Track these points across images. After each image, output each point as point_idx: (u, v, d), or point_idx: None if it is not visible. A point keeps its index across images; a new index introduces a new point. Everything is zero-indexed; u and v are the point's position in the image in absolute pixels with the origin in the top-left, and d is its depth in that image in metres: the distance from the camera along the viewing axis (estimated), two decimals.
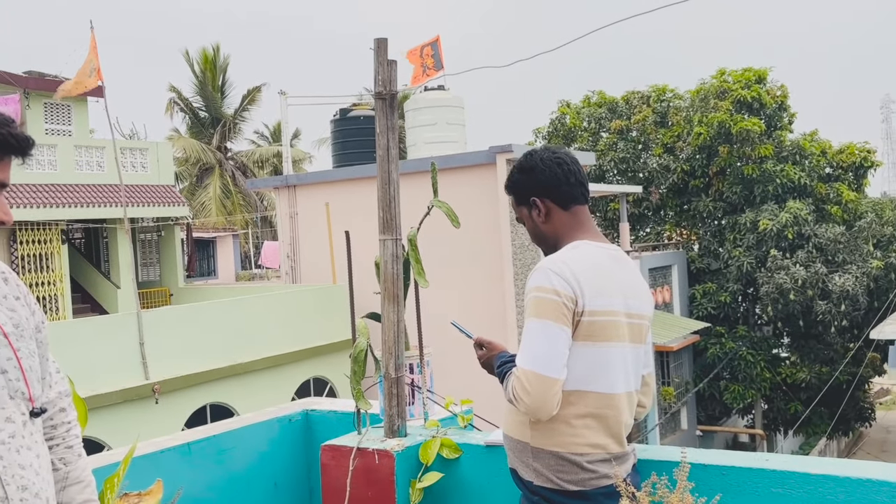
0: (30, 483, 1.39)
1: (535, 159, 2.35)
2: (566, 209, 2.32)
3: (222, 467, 3.27)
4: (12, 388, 1.41)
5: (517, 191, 2.38)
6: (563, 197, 2.31)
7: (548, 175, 2.31)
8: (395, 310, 2.92)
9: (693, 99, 23.49)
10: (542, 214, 2.32)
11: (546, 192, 2.31)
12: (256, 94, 33.34)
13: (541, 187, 2.31)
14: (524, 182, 2.35)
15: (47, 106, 19.21)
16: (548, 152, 2.37)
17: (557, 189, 2.31)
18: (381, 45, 2.88)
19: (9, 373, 1.41)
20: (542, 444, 2.14)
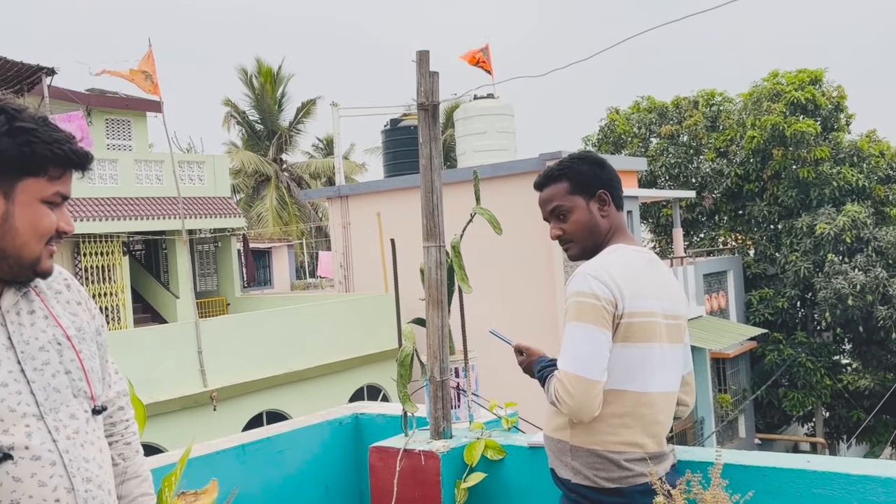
0: (93, 475, 1.48)
1: (597, 156, 2.43)
2: (620, 209, 2.39)
3: (275, 468, 3.38)
4: (75, 387, 1.50)
5: (582, 180, 2.34)
6: (619, 199, 2.39)
7: (613, 175, 2.39)
8: (440, 315, 3.00)
9: (745, 102, 23.15)
10: (606, 206, 2.34)
11: (612, 189, 2.36)
12: (311, 107, 33.90)
13: (610, 183, 2.36)
14: (597, 174, 2.35)
15: (108, 122, 19.85)
16: (596, 156, 2.45)
17: (619, 191, 2.38)
18: (423, 57, 2.97)
19: (72, 373, 1.50)
20: (581, 442, 2.19)
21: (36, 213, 1.43)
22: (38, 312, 1.51)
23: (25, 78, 18.50)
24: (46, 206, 1.45)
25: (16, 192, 1.41)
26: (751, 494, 1.97)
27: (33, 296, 1.52)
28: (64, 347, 1.50)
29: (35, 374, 1.44)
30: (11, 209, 1.41)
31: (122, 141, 20.14)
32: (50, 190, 1.44)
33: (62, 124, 13.53)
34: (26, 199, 1.42)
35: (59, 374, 1.48)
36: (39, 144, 1.41)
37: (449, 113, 29.45)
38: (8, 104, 1.42)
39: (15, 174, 1.40)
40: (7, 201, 1.41)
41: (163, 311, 20.32)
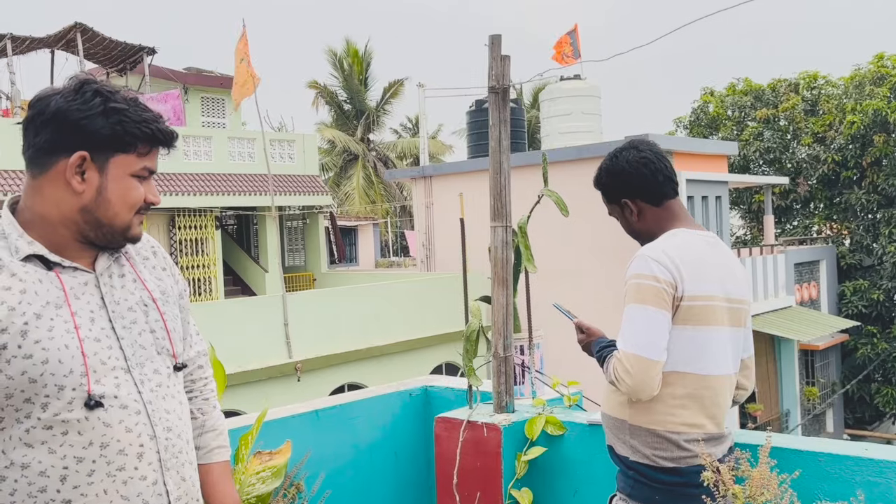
0: (173, 425, 1.62)
1: (620, 162, 2.40)
2: (658, 206, 2.38)
3: (347, 435, 3.53)
4: (159, 345, 1.64)
5: (606, 193, 2.46)
6: (653, 195, 2.38)
7: (636, 177, 2.37)
8: (505, 293, 3.09)
9: (847, 86, 22.22)
10: (634, 214, 2.40)
11: (636, 193, 2.38)
12: (399, 88, 34.21)
13: (630, 189, 2.38)
14: (613, 185, 2.42)
15: (204, 100, 20.57)
16: (633, 152, 2.41)
17: (647, 189, 2.37)
18: (495, 41, 3.05)
19: (156, 332, 1.65)
20: (640, 421, 2.25)
21: (126, 186, 1.57)
22: (127, 276, 1.65)
23: (128, 57, 19.35)
24: (135, 180, 1.58)
25: (108, 166, 1.54)
26: (797, 474, 2.00)
27: (123, 261, 1.67)
28: (150, 309, 1.65)
29: (124, 332, 1.58)
30: (105, 182, 1.55)
31: (216, 118, 20.86)
32: (138, 165, 1.58)
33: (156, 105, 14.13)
34: (118, 173, 1.55)
35: (145, 332, 1.62)
36: (130, 124, 1.53)
37: (535, 94, 29.28)
38: (103, 86, 1.54)
39: (108, 151, 1.53)
40: (101, 175, 1.54)
41: (252, 283, 21.01)
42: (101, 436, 1.50)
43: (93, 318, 1.55)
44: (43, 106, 1.51)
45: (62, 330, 1.49)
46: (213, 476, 1.85)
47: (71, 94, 1.51)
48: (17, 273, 1.49)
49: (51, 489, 1.46)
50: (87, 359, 1.50)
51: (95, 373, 1.51)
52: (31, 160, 1.54)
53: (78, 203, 1.53)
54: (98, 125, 1.51)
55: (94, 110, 1.50)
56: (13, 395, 1.45)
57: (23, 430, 1.46)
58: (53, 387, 1.47)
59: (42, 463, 1.46)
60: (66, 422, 1.48)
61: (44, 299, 1.50)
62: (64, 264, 1.55)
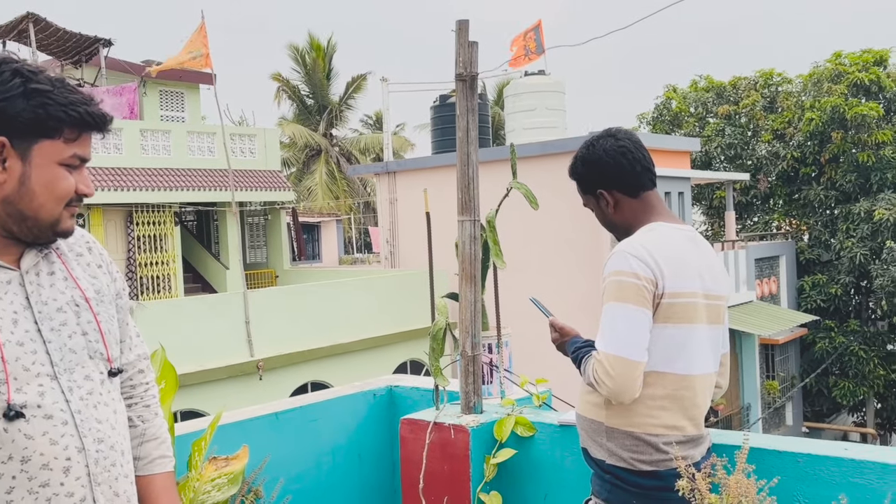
0: (105, 436, 1.49)
1: (597, 150, 2.30)
2: (635, 197, 2.29)
3: (309, 437, 3.40)
4: (92, 348, 1.51)
5: (582, 183, 2.36)
6: (631, 186, 2.28)
7: (613, 166, 2.27)
8: (473, 289, 2.98)
9: (805, 83, 22.51)
10: (610, 206, 2.30)
11: (613, 184, 2.28)
12: (362, 82, 33.95)
13: (606, 179, 2.28)
14: (589, 175, 2.32)
15: (162, 93, 20.15)
16: (610, 140, 2.31)
17: (624, 179, 2.27)
18: (462, 26, 2.93)
19: (89, 335, 1.52)
20: (618, 424, 2.15)
21: (53, 175, 1.44)
22: (57, 274, 1.52)
23: (83, 49, 18.89)
24: (64, 169, 1.45)
25: (32, 154, 1.41)
26: (776, 481, 1.91)
27: (54, 257, 1.54)
28: (82, 309, 1.52)
29: (52, 335, 1.46)
30: (28, 171, 1.42)
31: (175, 112, 20.45)
32: (67, 153, 1.45)
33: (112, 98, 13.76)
34: (42, 161, 1.43)
35: (76, 335, 1.50)
36: (54, 106, 1.40)
37: (499, 90, 29.26)
38: (24, 65, 1.42)
39: (31, 136, 1.40)
40: (24, 163, 1.41)
41: (213, 281, 20.68)
42: (23, 449, 1.38)
43: (16, 319, 1.42)
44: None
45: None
46: (155, 488, 1.70)
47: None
48: None
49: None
50: (7, 365, 1.37)
51: (17, 380, 1.38)
52: None
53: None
54: (18, 108, 1.38)
55: (12, 92, 1.38)
56: None
57: None
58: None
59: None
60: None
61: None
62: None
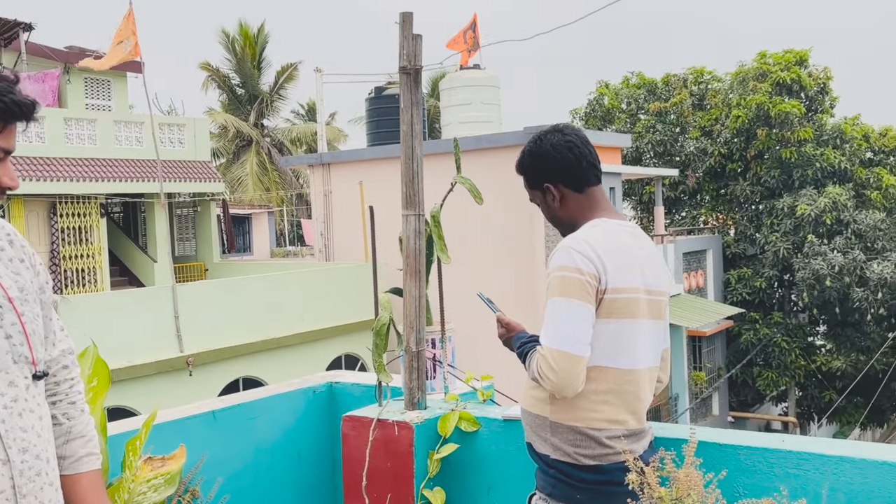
0: (31, 445, 1.42)
1: (545, 145, 2.31)
2: (580, 192, 2.30)
3: (247, 436, 3.33)
4: (16, 352, 1.44)
5: (529, 177, 2.37)
6: (576, 181, 2.29)
7: (559, 161, 2.28)
8: (417, 285, 2.95)
9: (732, 81, 23.13)
10: (556, 200, 2.31)
11: (559, 178, 2.29)
12: (293, 72, 33.46)
13: (552, 173, 2.29)
14: (536, 168, 2.33)
15: (88, 81, 19.48)
16: (557, 135, 2.32)
17: (570, 174, 2.28)
18: (406, 18, 2.89)
19: (13, 337, 1.44)
20: (561, 418, 2.15)
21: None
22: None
23: (2, 33, 18.12)
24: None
25: None
26: (724, 474, 1.94)
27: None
28: (5, 310, 1.44)
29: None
30: None
31: (101, 101, 19.79)
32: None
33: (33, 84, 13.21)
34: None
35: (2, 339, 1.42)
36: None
37: (434, 83, 29.23)
38: None
39: None
40: None
41: (140, 274, 20.14)
42: None
43: None
44: None
45: None
46: (82, 487, 1.62)
47: None
48: None
49: None
50: None
51: None
52: None
53: None
54: None
55: None
56: None
57: None
58: None
59: None
60: None
61: None
62: None
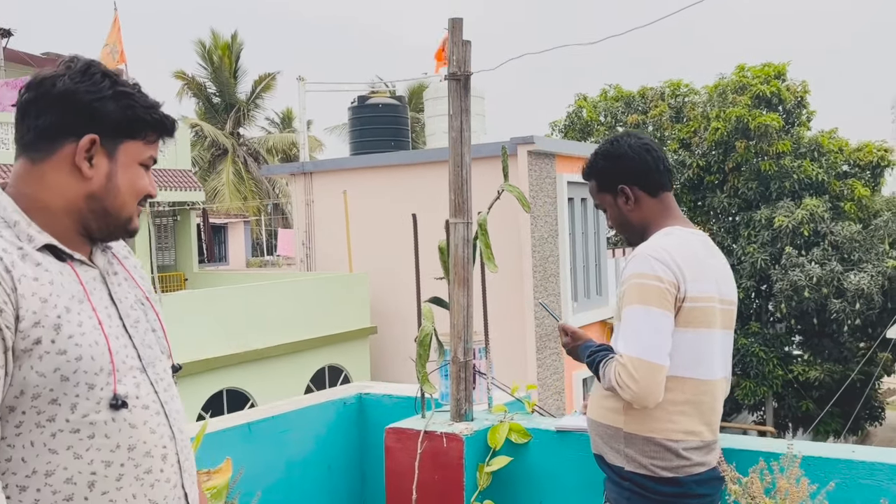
0: (183, 427, 1.56)
1: (622, 146, 2.32)
2: (655, 196, 2.30)
3: (280, 449, 3.27)
4: (161, 345, 1.56)
5: (603, 178, 2.35)
6: (652, 184, 2.29)
7: (637, 162, 2.29)
8: (465, 294, 2.90)
9: (711, 94, 23.37)
10: (630, 202, 2.30)
11: (635, 180, 2.29)
12: (270, 81, 33.30)
13: (630, 175, 2.29)
14: (611, 170, 2.32)
15: None
16: (634, 138, 2.34)
17: (647, 176, 2.29)
18: (456, 24, 2.85)
19: (157, 332, 1.57)
20: (637, 429, 2.12)
21: (134, 174, 1.49)
22: (120, 274, 1.55)
23: None
24: (142, 169, 1.51)
25: (118, 153, 1.46)
26: (833, 486, 1.92)
27: (112, 257, 1.56)
28: (146, 308, 1.57)
29: (133, 331, 1.49)
30: (114, 169, 1.46)
31: None
32: (146, 153, 1.50)
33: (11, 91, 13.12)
34: (126, 160, 1.47)
35: (148, 331, 1.54)
36: (140, 109, 1.46)
37: (411, 95, 29.23)
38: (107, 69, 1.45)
39: (118, 136, 1.45)
40: (110, 161, 1.45)
41: None
42: (128, 438, 1.41)
43: (108, 314, 1.45)
44: (47, 87, 1.40)
45: (90, 326, 1.38)
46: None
47: (78, 75, 1.41)
48: (42, 263, 1.37)
49: (78, 497, 1.35)
50: (113, 356, 1.40)
51: (118, 372, 1.42)
52: (30, 144, 1.42)
53: (85, 190, 1.43)
54: (109, 108, 1.42)
55: (104, 93, 1.42)
56: (40, 395, 1.33)
57: (47, 435, 1.34)
58: (84, 386, 1.36)
59: (68, 469, 1.35)
60: (94, 424, 1.37)
61: (69, 292, 1.38)
62: (75, 256, 1.44)
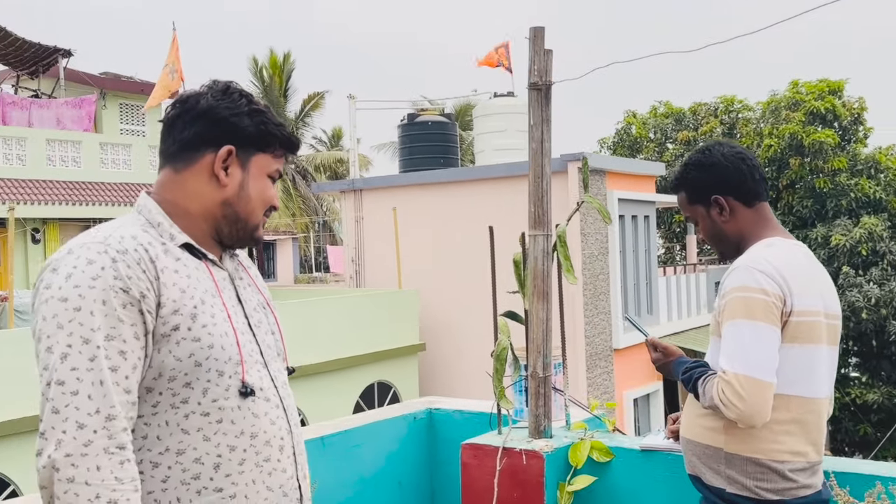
0: (298, 423, 1.65)
1: (715, 155, 2.25)
2: (750, 206, 2.22)
3: (352, 464, 3.23)
4: (278, 347, 1.66)
5: (695, 189, 2.27)
6: (747, 194, 2.21)
7: (732, 171, 2.21)
8: (545, 307, 2.84)
9: (764, 110, 23.01)
10: (725, 213, 2.22)
11: (730, 190, 2.21)
12: (319, 100, 33.70)
13: (724, 185, 2.21)
14: (705, 179, 2.24)
15: (123, 106, 19.62)
16: (727, 147, 2.27)
17: (743, 186, 2.21)
18: (537, 34, 2.81)
19: (275, 334, 1.66)
20: (739, 449, 2.03)
21: (263, 184, 1.62)
22: (245, 279, 1.67)
23: (42, 59, 18.33)
24: (269, 180, 1.64)
25: (251, 164, 1.60)
26: None
27: (238, 264, 1.69)
28: (267, 312, 1.67)
29: (256, 330, 1.60)
30: (246, 179, 1.60)
31: (135, 126, 19.92)
32: (273, 166, 1.64)
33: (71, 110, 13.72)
34: (257, 171, 1.61)
35: (268, 333, 1.64)
36: (271, 125, 1.60)
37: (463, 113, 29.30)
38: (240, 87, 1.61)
39: (251, 148, 1.59)
40: (243, 171, 1.59)
41: None
42: (251, 426, 1.51)
43: (235, 312, 1.56)
44: (192, 104, 1.57)
45: (221, 318, 1.50)
46: None
47: (219, 94, 1.58)
48: (181, 258, 1.50)
49: (204, 476, 1.45)
50: (241, 348, 1.51)
51: (246, 363, 1.52)
52: (174, 154, 1.58)
53: (220, 196, 1.57)
54: (244, 123, 1.57)
55: (241, 109, 1.57)
56: (176, 377, 1.44)
57: (181, 416, 1.45)
58: (215, 372, 1.46)
59: (197, 450, 1.45)
60: (222, 409, 1.47)
61: (203, 287, 1.51)
62: (209, 256, 1.57)
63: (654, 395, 17.12)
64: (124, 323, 1.38)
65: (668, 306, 18.15)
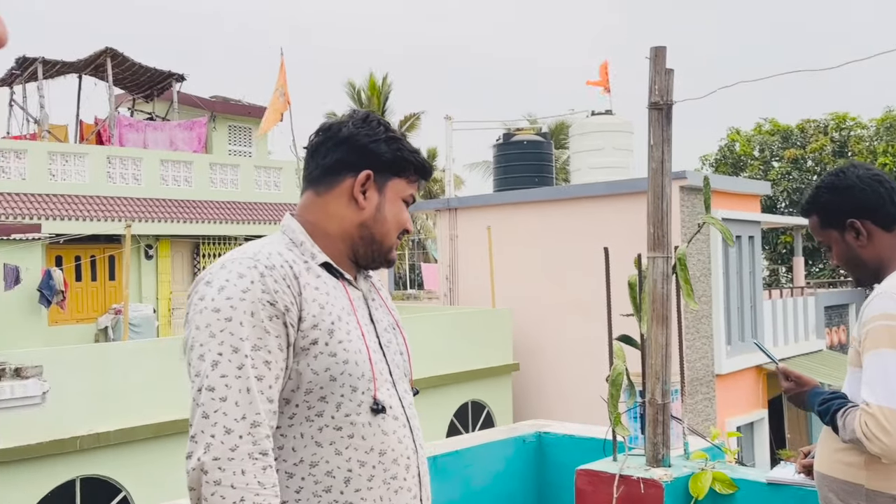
0: (422, 444, 1.67)
1: (850, 177, 2.15)
2: (889, 231, 2.11)
3: (463, 484, 3.22)
4: (405, 368, 1.69)
5: (828, 212, 2.17)
6: (886, 218, 2.10)
7: (869, 194, 2.11)
8: (664, 332, 2.77)
9: (878, 127, 22.02)
10: (862, 238, 2.12)
11: (867, 214, 2.11)
12: (415, 121, 34.15)
13: (860, 208, 2.11)
14: (837, 204, 2.15)
15: (231, 128, 20.38)
16: (863, 169, 2.17)
17: (881, 210, 2.10)
18: (659, 53, 2.77)
19: (403, 355, 1.70)
20: (882, 486, 1.92)
21: (398, 207, 1.68)
22: (377, 300, 1.72)
23: (156, 83, 19.24)
24: (403, 204, 1.69)
25: (387, 188, 1.66)
26: None
27: (371, 286, 1.73)
28: (397, 333, 1.72)
29: (386, 349, 1.64)
30: (383, 202, 1.66)
31: (242, 147, 20.65)
32: (408, 191, 1.70)
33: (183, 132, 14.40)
34: (392, 195, 1.67)
35: (397, 353, 1.68)
36: (407, 152, 1.67)
37: (559, 131, 29.16)
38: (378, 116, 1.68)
39: (388, 173, 1.66)
40: (380, 195, 1.66)
41: None
42: (381, 443, 1.53)
43: (368, 330, 1.60)
44: (334, 132, 1.66)
45: (355, 335, 1.55)
46: None
47: (360, 122, 1.65)
48: (321, 276, 1.57)
49: (335, 490, 1.49)
50: (373, 365, 1.55)
51: (377, 380, 1.55)
52: (317, 178, 1.66)
53: (358, 218, 1.64)
54: (382, 150, 1.64)
55: (379, 136, 1.64)
56: (312, 391, 1.49)
57: (315, 429, 1.49)
58: (348, 388, 1.50)
59: (329, 463, 1.49)
60: (354, 424, 1.51)
61: (340, 304, 1.56)
62: (346, 276, 1.63)
63: (758, 423, 16.48)
64: (270, 334, 1.45)
65: (774, 331, 17.48)
